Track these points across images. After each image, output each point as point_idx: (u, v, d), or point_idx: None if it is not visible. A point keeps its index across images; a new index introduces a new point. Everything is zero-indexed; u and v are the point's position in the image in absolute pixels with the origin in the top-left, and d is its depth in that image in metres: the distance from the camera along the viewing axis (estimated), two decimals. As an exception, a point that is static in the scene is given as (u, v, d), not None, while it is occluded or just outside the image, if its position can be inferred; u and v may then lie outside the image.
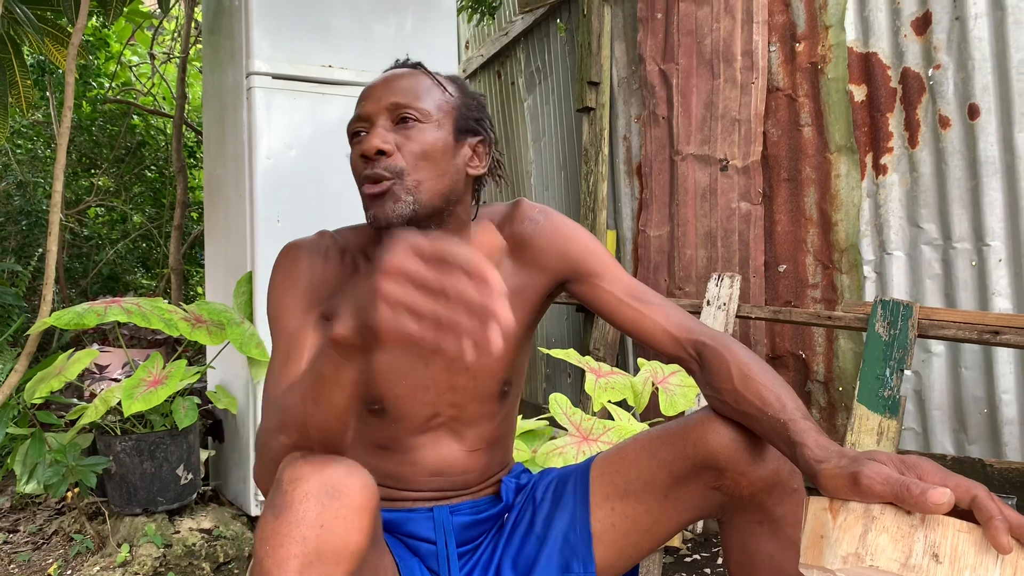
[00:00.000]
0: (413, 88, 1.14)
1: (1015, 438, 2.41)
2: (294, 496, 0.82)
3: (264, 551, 0.81)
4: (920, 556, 0.74)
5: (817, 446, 0.91)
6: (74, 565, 2.33)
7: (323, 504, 0.81)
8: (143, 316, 2.20)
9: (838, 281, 2.85)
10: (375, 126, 1.12)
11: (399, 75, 1.16)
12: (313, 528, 0.80)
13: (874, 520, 0.77)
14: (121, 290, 5.26)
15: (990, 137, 2.44)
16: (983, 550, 0.74)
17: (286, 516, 0.81)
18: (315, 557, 0.80)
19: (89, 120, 5.18)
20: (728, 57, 3.18)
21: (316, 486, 0.82)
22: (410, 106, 1.12)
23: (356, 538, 0.82)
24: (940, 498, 0.74)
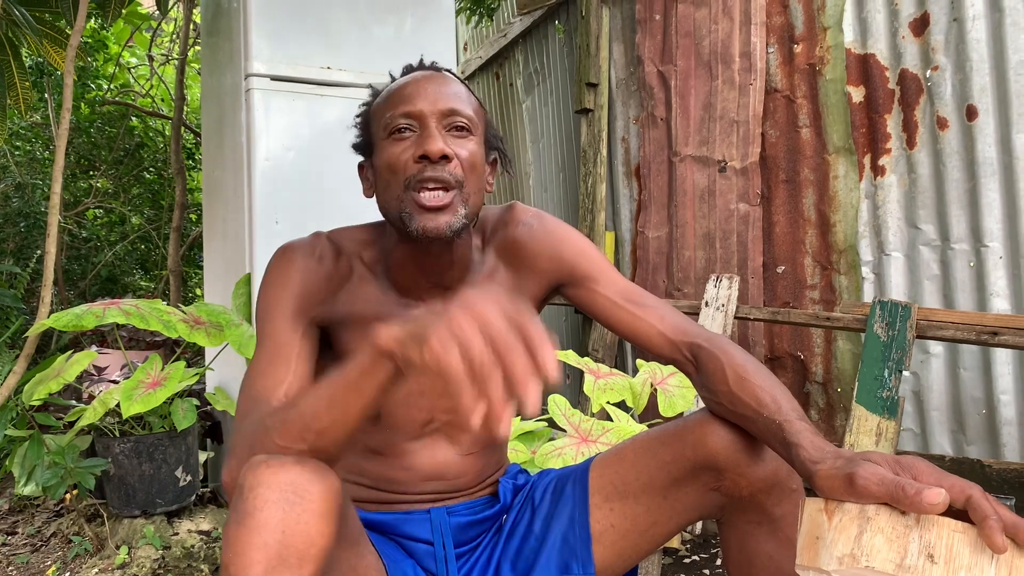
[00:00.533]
0: (463, 96, 1.13)
1: (1013, 439, 2.41)
2: (255, 503, 0.82)
3: (228, 557, 0.82)
4: (915, 556, 0.74)
5: (813, 447, 0.91)
6: (73, 567, 2.33)
7: (284, 510, 0.81)
8: (142, 318, 2.20)
9: (836, 282, 2.85)
10: (428, 127, 1.09)
11: (446, 78, 1.14)
12: (275, 534, 0.81)
13: (869, 521, 0.77)
14: (120, 292, 5.26)
15: (988, 138, 2.45)
16: (978, 550, 0.74)
17: (247, 522, 0.81)
18: (278, 562, 0.80)
19: (88, 122, 5.18)
20: (726, 58, 3.19)
21: (276, 492, 0.82)
22: (464, 114, 1.10)
23: (319, 542, 0.83)
24: (935, 498, 0.74)
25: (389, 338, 0.83)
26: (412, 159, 1.08)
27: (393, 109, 1.11)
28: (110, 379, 2.76)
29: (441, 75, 1.15)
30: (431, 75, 1.15)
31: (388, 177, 1.11)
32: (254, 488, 0.83)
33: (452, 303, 0.76)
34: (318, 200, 2.59)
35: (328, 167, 2.60)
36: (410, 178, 1.08)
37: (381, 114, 1.14)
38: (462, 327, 0.74)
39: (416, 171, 1.07)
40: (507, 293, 1.23)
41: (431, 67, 1.19)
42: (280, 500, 0.82)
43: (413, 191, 1.07)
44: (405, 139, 1.10)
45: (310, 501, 0.83)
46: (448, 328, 0.75)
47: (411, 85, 1.13)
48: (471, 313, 0.75)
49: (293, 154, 2.58)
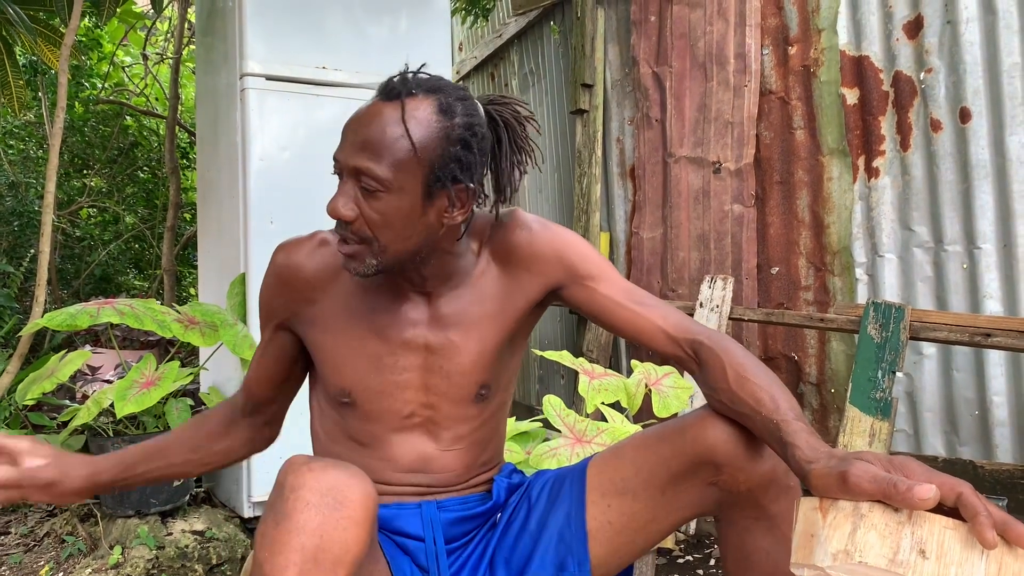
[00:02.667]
0: (380, 145, 1.06)
1: (1006, 440, 2.42)
2: (295, 504, 0.83)
3: (263, 556, 0.83)
4: (907, 552, 0.76)
5: (808, 447, 0.92)
6: (66, 567, 2.33)
7: (324, 515, 0.83)
8: (136, 317, 2.19)
9: (830, 283, 2.86)
10: (343, 182, 1.10)
11: (372, 121, 1.08)
12: (312, 537, 0.82)
13: (863, 518, 0.79)
14: (114, 291, 5.25)
15: (981, 140, 2.46)
16: (969, 546, 0.75)
17: (286, 524, 0.83)
18: (312, 565, 0.81)
19: (82, 121, 5.17)
20: (721, 60, 3.20)
21: (317, 495, 0.84)
22: (371, 174, 1.06)
23: (354, 549, 0.84)
24: (926, 493, 0.75)
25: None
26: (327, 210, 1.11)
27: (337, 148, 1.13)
28: (104, 379, 2.76)
29: (377, 111, 1.09)
30: (368, 112, 1.09)
31: None
32: (296, 489, 0.85)
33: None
34: (313, 200, 2.58)
35: (323, 167, 2.58)
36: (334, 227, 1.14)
37: None
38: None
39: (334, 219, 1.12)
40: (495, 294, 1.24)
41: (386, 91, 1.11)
42: (321, 504, 0.83)
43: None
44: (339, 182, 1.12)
45: (350, 508, 0.85)
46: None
47: (348, 125, 1.11)
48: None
49: (288, 154, 2.58)
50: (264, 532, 0.84)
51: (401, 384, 1.20)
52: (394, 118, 1.07)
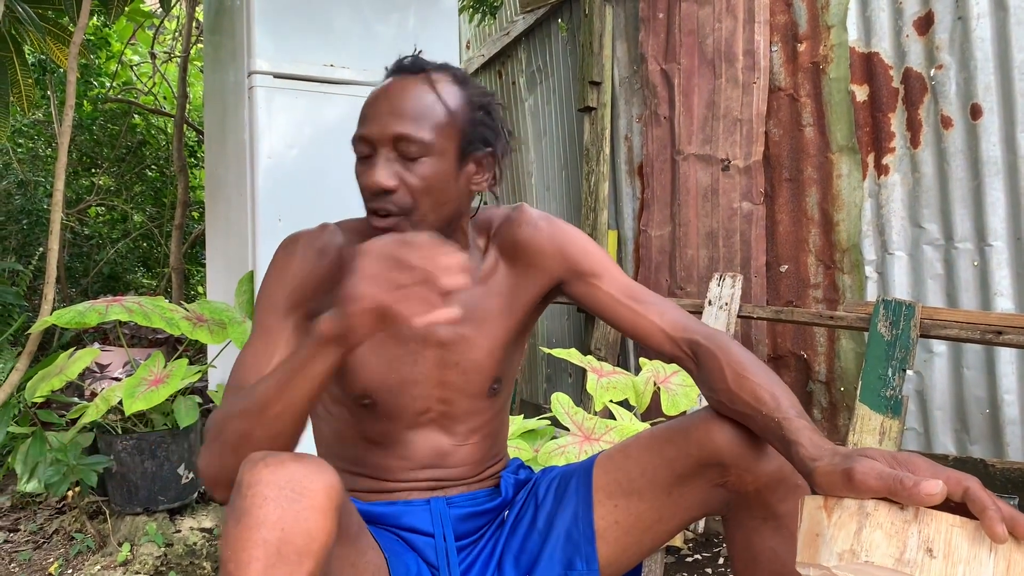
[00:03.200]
0: (417, 112, 1.10)
1: (1017, 438, 2.40)
2: (253, 500, 0.82)
3: (227, 554, 0.82)
4: (914, 551, 0.75)
5: (811, 444, 0.92)
6: (75, 564, 2.33)
7: (283, 508, 0.82)
8: (144, 315, 2.20)
9: (840, 281, 2.85)
10: (378, 155, 1.10)
11: (403, 92, 1.12)
12: (274, 531, 0.81)
13: (868, 516, 0.78)
14: (122, 289, 5.26)
15: (992, 137, 2.44)
16: (976, 543, 0.75)
17: (245, 520, 0.82)
18: (277, 559, 0.80)
19: (90, 119, 5.18)
20: (730, 57, 3.18)
21: (275, 489, 0.83)
22: (413, 138, 1.09)
23: (319, 538, 0.83)
24: (933, 489, 0.74)
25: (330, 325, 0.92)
26: (364, 185, 1.12)
27: (358, 129, 1.13)
28: (112, 376, 2.76)
29: (407, 85, 1.13)
30: (396, 86, 1.13)
31: (361, 192, 1.15)
32: (252, 486, 0.83)
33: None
34: (320, 197, 2.59)
35: (331, 164, 2.60)
36: (367, 204, 1.13)
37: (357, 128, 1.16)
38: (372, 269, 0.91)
39: (368, 197, 1.12)
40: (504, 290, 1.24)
41: (410, 68, 1.16)
42: (279, 497, 0.82)
43: (368, 213, 1.13)
44: (364, 163, 1.12)
45: (310, 498, 0.83)
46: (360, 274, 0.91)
47: (371, 103, 1.13)
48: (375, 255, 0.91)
49: (296, 151, 2.58)
50: (226, 532, 0.83)
51: (417, 381, 1.21)
52: (425, 88, 1.12)
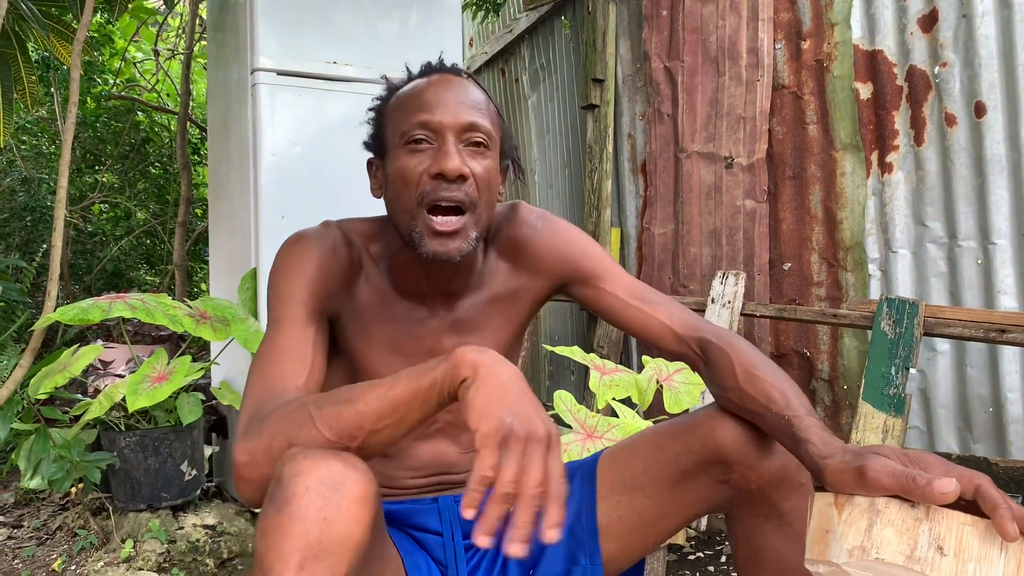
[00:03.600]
0: (483, 106, 1.10)
1: (1020, 437, 2.40)
2: (295, 490, 0.81)
3: (266, 545, 0.80)
4: (925, 549, 0.75)
5: (822, 442, 0.92)
6: (78, 560, 2.34)
7: (325, 497, 0.81)
8: (148, 312, 2.20)
9: (843, 279, 2.85)
10: (446, 142, 1.07)
11: (466, 85, 1.11)
12: (316, 522, 0.80)
13: (879, 514, 0.78)
14: (125, 286, 5.27)
15: (997, 135, 2.44)
16: (987, 542, 0.75)
17: (288, 510, 0.80)
18: (318, 550, 0.79)
19: (94, 116, 5.19)
20: (733, 54, 3.18)
21: (316, 479, 0.82)
22: (482, 128, 1.08)
23: (358, 529, 0.82)
24: (946, 487, 0.74)
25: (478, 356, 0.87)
26: (427, 174, 1.07)
27: (411, 116, 1.09)
28: (116, 373, 2.77)
29: (461, 81, 1.13)
30: (451, 80, 1.12)
31: (400, 188, 1.09)
32: (294, 476, 0.82)
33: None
34: (324, 195, 2.59)
35: (334, 162, 2.60)
36: (423, 194, 1.07)
37: (397, 117, 1.12)
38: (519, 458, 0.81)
39: (431, 188, 1.07)
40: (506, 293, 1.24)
41: (451, 69, 1.15)
42: (320, 487, 0.81)
43: (426, 210, 1.07)
44: (421, 151, 1.08)
45: (350, 487, 0.82)
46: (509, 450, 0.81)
47: (430, 91, 1.10)
48: (551, 455, 0.82)
49: (299, 149, 2.58)
50: (265, 521, 0.82)
51: None
52: (475, 88, 1.13)
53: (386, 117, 1.16)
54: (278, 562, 0.79)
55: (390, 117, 1.14)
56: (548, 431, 0.83)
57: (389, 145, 1.13)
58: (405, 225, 1.10)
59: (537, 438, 0.81)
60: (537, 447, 0.81)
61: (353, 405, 0.89)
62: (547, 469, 0.81)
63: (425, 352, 1.19)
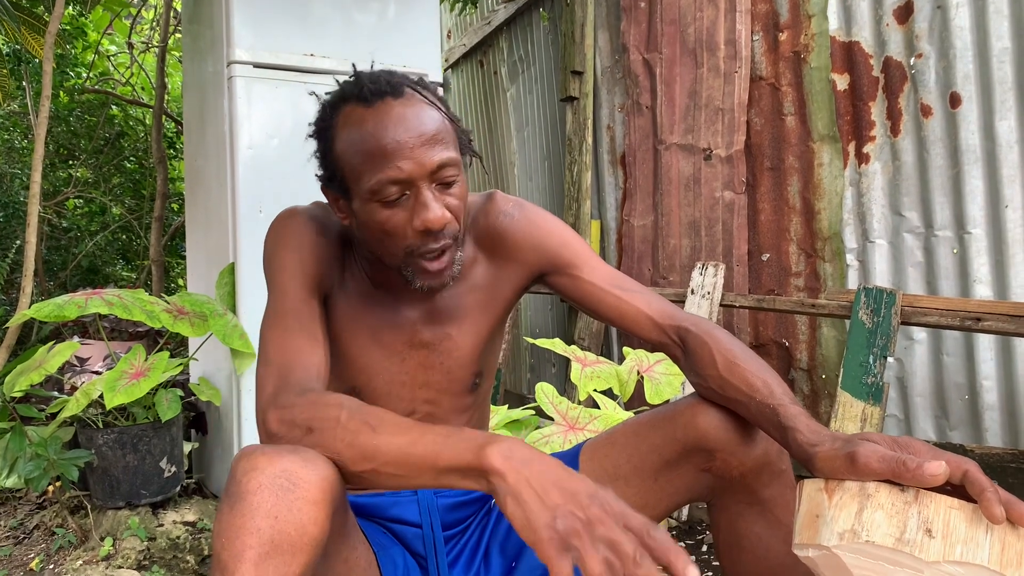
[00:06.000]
0: (440, 134, 1.05)
1: (996, 423, 2.43)
2: (248, 487, 0.81)
3: (221, 544, 0.80)
4: (914, 531, 0.77)
5: (809, 431, 0.93)
6: (56, 559, 2.31)
7: (277, 496, 0.80)
8: (124, 308, 2.18)
9: (821, 269, 2.87)
10: (422, 193, 1.04)
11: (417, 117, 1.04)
12: (267, 519, 0.79)
13: (869, 498, 0.80)
14: (101, 282, 5.21)
15: (971, 125, 2.46)
16: (974, 525, 0.77)
17: (240, 507, 0.80)
18: (271, 548, 0.79)
19: (67, 110, 5.12)
20: (711, 46, 3.19)
21: (269, 477, 0.81)
22: (452, 162, 1.05)
23: (311, 529, 0.81)
24: (936, 470, 0.77)
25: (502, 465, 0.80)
26: (412, 230, 1.05)
27: (375, 171, 1.03)
28: (93, 370, 2.74)
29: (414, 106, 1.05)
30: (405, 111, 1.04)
31: (382, 238, 1.07)
32: (247, 472, 0.82)
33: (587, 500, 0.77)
34: (302, 188, 2.56)
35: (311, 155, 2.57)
36: (411, 247, 1.06)
37: (358, 166, 1.05)
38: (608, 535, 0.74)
39: (418, 242, 1.06)
40: (484, 284, 1.24)
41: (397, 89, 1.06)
42: (273, 486, 0.81)
43: (417, 258, 1.07)
44: (396, 204, 1.05)
45: (304, 489, 0.82)
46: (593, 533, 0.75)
47: (388, 134, 1.02)
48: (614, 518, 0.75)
49: (276, 142, 2.56)
50: (219, 518, 0.82)
51: (403, 383, 1.21)
52: (424, 106, 1.06)
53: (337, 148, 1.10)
54: (232, 560, 0.79)
55: (348, 162, 1.08)
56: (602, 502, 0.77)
57: (352, 190, 1.08)
58: (392, 263, 1.11)
59: (597, 518, 0.75)
60: (602, 526, 0.75)
61: (375, 437, 0.88)
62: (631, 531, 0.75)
63: (403, 342, 1.20)
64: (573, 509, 0.76)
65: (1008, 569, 0.75)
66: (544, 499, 0.77)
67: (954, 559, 0.75)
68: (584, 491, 0.77)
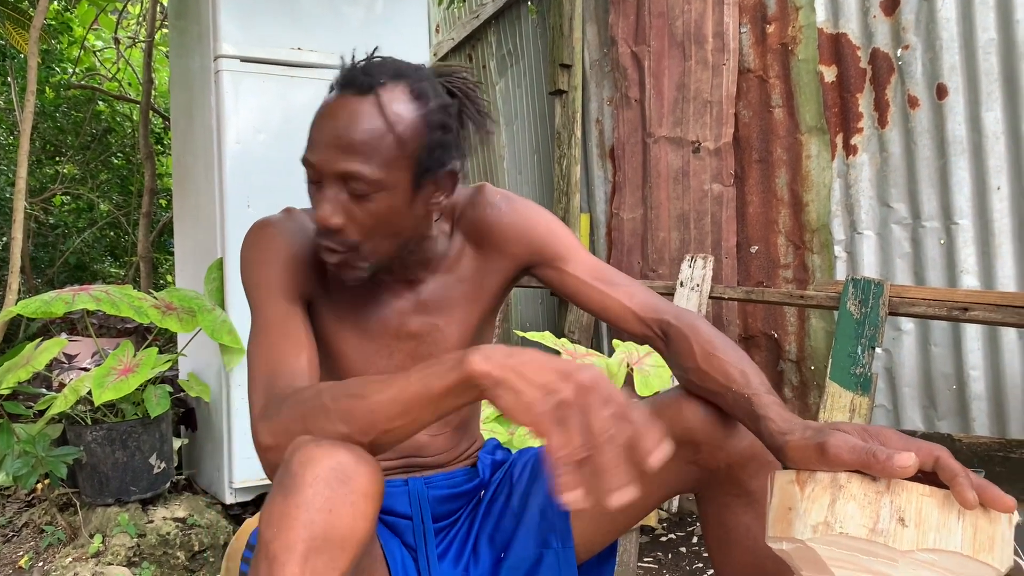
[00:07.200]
0: (366, 145, 1.01)
1: (983, 413, 2.45)
2: (304, 479, 0.81)
3: (271, 533, 0.80)
4: (887, 521, 0.77)
5: (781, 419, 0.92)
6: (46, 557, 2.30)
7: (332, 488, 0.80)
8: (112, 304, 2.17)
9: (809, 261, 2.88)
10: (323, 189, 1.05)
11: (350, 118, 1.02)
12: (322, 512, 0.79)
13: (841, 489, 0.80)
14: (89, 279, 5.19)
15: (958, 116, 2.47)
16: (946, 512, 0.77)
17: (295, 498, 0.80)
18: (322, 542, 0.79)
19: (53, 106, 5.09)
20: (699, 39, 3.19)
21: (326, 470, 0.81)
22: (361, 177, 1.01)
23: (362, 524, 0.82)
24: (906, 461, 0.76)
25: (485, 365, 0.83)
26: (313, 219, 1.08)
27: (306, 150, 1.06)
28: (81, 367, 2.72)
29: (352, 108, 1.02)
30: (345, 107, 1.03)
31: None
32: (304, 464, 0.82)
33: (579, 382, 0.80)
34: (289, 183, 2.54)
35: (299, 149, 2.56)
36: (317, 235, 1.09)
37: None
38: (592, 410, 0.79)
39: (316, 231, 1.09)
40: (472, 275, 1.23)
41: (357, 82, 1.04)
42: (330, 478, 0.81)
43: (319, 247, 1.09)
44: (314, 187, 1.07)
45: (357, 482, 0.82)
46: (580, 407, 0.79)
47: (321, 120, 1.04)
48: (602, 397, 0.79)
49: (264, 136, 2.55)
50: (271, 507, 0.81)
51: (387, 370, 1.20)
52: (373, 113, 1.02)
53: None
54: (283, 551, 0.78)
55: None
56: (585, 376, 0.81)
57: None
58: None
59: (584, 388, 0.80)
60: (590, 394, 0.79)
61: (366, 403, 0.89)
62: (612, 406, 0.79)
63: (391, 334, 1.20)
64: (561, 384, 0.80)
65: (980, 553, 0.76)
66: (532, 381, 0.81)
67: (927, 547, 0.75)
68: (569, 367, 0.82)
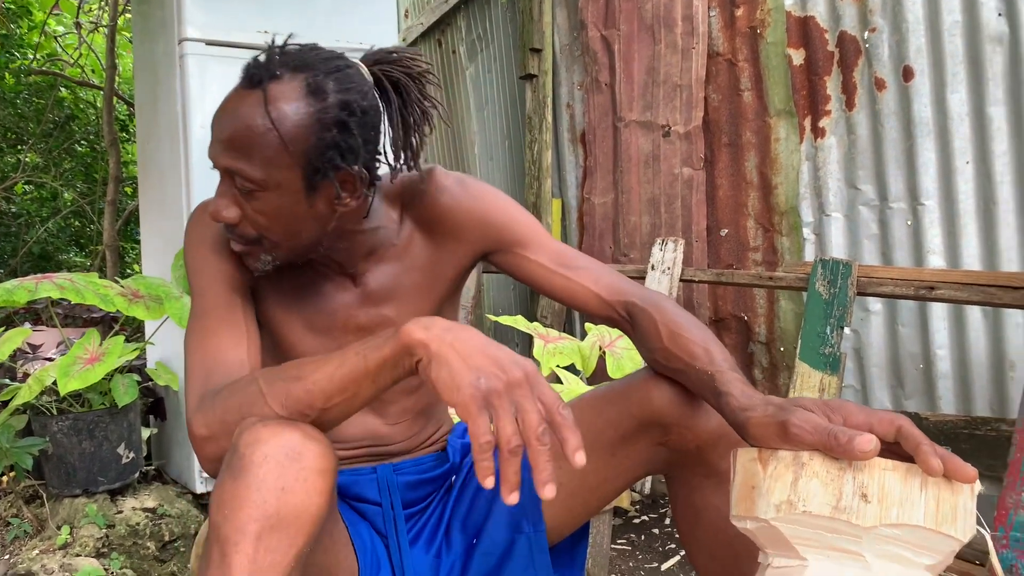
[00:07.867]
0: (245, 143, 0.99)
1: (949, 392, 2.48)
2: (253, 459, 0.79)
3: (222, 516, 0.78)
4: (850, 497, 0.77)
5: (743, 395, 0.92)
6: (12, 549, 2.27)
7: (283, 466, 0.79)
8: (77, 291, 2.13)
9: (778, 243, 2.90)
10: (221, 182, 1.05)
11: (235, 115, 1.00)
12: (273, 491, 0.78)
13: (804, 467, 0.79)
14: (53, 269, 5.10)
15: (924, 98, 2.49)
16: (908, 484, 0.77)
17: (245, 479, 0.78)
18: (276, 521, 0.78)
19: (13, 93, 4.99)
20: (669, 22, 3.19)
21: (275, 448, 0.80)
22: (243, 175, 1.00)
23: (317, 501, 0.80)
24: (867, 445, 0.75)
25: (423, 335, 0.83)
26: None
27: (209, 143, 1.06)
28: (46, 357, 2.68)
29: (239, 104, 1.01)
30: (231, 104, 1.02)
31: None
32: (252, 445, 0.80)
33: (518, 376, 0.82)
34: (258, 169, 2.53)
35: (267, 135, 2.53)
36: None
37: None
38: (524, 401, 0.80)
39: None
40: (424, 264, 1.19)
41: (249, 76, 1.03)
42: (280, 456, 0.80)
43: None
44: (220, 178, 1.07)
45: (309, 459, 0.81)
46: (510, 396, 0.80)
47: (215, 117, 1.04)
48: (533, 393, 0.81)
49: (231, 121, 2.51)
50: (220, 490, 0.80)
51: None
52: (258, 110, 0.99)
53: None
54: (235, 533, 0.77)
55: None
56: (523, 369, 0.82)
57: None
58: None
59: (516, 382, 0.80)
60: (520, 389, 0.80)
61: (302, 383, 0.88)
62: (542, 403, 0.81)
63: (339, 327, 1.17)
64: (496, 371, 0.80)
65: (943, 525, 0.76)
66: (468, 361, 0.81)
67: (890, 522, 0.76)
68: (506, 357, 0.82)
